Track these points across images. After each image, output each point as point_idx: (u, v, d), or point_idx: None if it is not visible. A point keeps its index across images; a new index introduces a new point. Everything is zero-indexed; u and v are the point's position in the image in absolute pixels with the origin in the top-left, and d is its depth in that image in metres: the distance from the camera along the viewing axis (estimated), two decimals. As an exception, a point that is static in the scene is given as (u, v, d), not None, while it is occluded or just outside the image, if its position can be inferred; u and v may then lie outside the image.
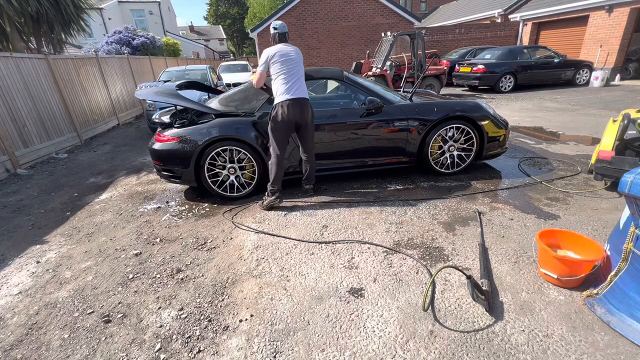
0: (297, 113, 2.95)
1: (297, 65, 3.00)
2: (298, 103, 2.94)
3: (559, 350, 1.56)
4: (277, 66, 2.94)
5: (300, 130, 3.10)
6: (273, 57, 2.95)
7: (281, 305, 1.94)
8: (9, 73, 5.10)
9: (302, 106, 2.97)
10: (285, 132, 3.03)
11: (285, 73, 2.93)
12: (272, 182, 3.13)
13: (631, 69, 10.99)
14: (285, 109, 2.91)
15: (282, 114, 2.92)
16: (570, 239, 2.09)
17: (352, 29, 14.47)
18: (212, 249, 2.60)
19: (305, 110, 3.00)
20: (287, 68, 2.93)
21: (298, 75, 2.99)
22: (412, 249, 2.42)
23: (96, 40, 18.31)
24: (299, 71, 3.01)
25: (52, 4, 7.94)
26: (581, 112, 6.69)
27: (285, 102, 2.90)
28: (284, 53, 2.96)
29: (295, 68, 2.99)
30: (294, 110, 2.92)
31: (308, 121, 3.06)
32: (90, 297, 2.15)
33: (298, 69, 3.01)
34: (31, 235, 3.08)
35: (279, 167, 3.09)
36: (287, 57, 2.95)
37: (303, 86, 3.03)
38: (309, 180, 3.40)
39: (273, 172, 3.09)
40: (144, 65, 11.21)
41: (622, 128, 3.06)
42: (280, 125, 2.98)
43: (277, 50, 2.96)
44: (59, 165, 5.33)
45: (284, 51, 2.97)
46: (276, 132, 3.02)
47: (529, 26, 13.61)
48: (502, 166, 4.00)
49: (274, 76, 2.98)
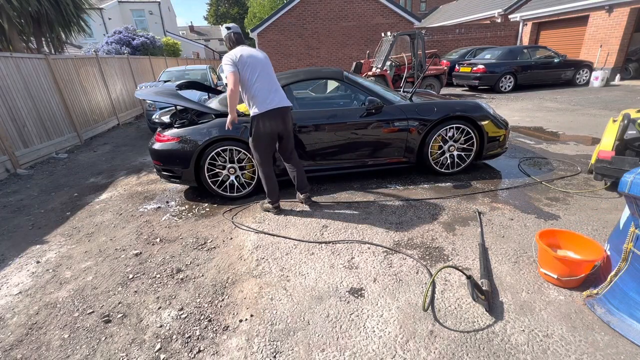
0: (280, 124, 2.71)
1: (268, 68, 2.69)
2: (280, 113, 2.68)
3: (559, 350, 1.56)
4: (247, 71, 2.58)
5: (282, 141, 2.87)
6: (239, 59, 2.57)
7: (281, 305, 1.94)
8: (9, 73, 5.10)
9: (283, 116, 2.71)
10: (269, 145, 2.80)
11: (259, 80, 2.61)
12: (268, 196, 3.00)
13: (631, 69, 10.99)
14: (266, 122, 2.64)
15: (263, 128, 2.66)
16: (570, 239, 2.09)
17: (352, 29, 14.47)
18: (212, 249, 2.60)
19: (287, 120, 2.76)
20: (258, 73, 2.61)
21: (272, 80, 2.70)
22: (412, 249, 2.42)
23: (96, 40, 18.32)
24: (272, 75, 2.71)
25: (52, 4, 7.94)
26: (581, 112, 6.69)
27: (267, 114, 2.63)
28: (250, 54, 2.62)
29: (267, 71, 2.67)
30: (276, 122, 2.67)
31: (289, 130, 2.85)
32: (90, 297, 2.15)
33: (270, 72, 2.70)
34: (31, 235, 3.08)
35: (270, 181, 2.92)
36: (254, 59, 2.62)
37: (281, 92, 2.75)
38: (302, 188, 3.13)
39: (265, 187, 2.96)
40: (144, 65, 11.21)
41: (622, 128, 3.06)
42: (263, 139, 2.72)
43: (241, 52, 2.59)
44: (59, 165, 5.33)
45: (247, 52, 2.62)
46: (259, 147, 2.77)
47: (529, 26, 13.61)
48: (502, 166, 4.00)
49: (247, 83, 2.62)
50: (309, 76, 3.68)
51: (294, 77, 3.52)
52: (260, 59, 2.67)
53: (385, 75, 8.34)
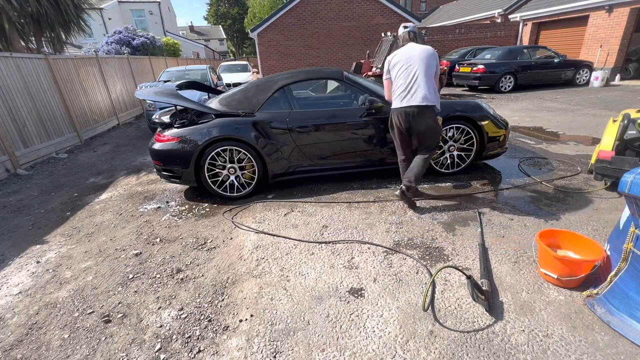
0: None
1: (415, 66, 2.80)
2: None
3: (559, 350, 1.56)
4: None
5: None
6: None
7: (281, 305, 1.94)
8: (9, 73, 5.10)
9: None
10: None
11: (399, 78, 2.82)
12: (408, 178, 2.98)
13: (631, 69, 10.99)
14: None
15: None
16: (570, 239, 2.09)
17: (352, 29, 14.47)
18: (212, 249, 2.60)
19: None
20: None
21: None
22: (412, 249, 2.42)
23: (96, 40, 18.32)
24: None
25: (52, 4, 7.94)
26: (581, 112, 6.69)
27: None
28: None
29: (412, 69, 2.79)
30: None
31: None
32: (90, 297, 2.15)
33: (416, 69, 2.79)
34: (31, 235, 3.08)
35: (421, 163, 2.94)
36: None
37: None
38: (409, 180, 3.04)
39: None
40: (144, 65, 11.21)
41: (622, 128, 3.06)
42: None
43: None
44: (59, 165, 5.33)
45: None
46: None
47: (529, 26, 13.61)
48: (502, 166, 4.00)
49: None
50: (309, 76, 3.68)
51: (294, 77, 3.52)
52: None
53: (386, 75, 8.33)
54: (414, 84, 2.75)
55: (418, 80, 2.74)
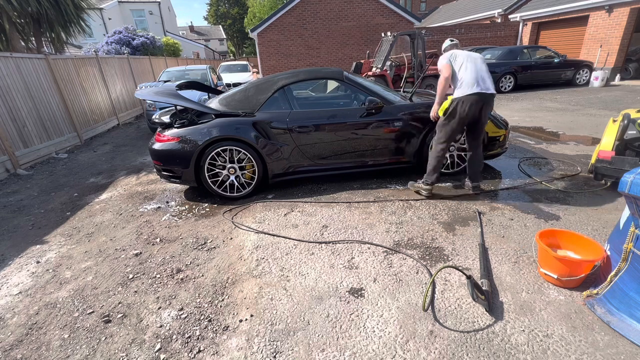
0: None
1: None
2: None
3: (559, 350, 1.56)
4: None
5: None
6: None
7: (281, 305, 1.94)
8: (9, 73, 5.10)
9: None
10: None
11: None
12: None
13: (631, 69, 10.99)
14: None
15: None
16: (570, 239, 2.09)
17: (352, 29, 14.47)
18: (212, 249, 2.60)
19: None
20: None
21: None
22: (412, 249, 2.42)
23: (96, 40, 18.31)
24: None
25: (52, 4, 7.93)
26: (581, 112, 6.69)
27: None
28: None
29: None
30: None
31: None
32: (90, 297, 2.15)
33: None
34: (31, 235, 3.08)
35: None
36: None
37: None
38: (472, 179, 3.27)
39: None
40: (144, 66, 11.21)
41: (622, 128, 3.06)
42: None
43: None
44: (59, 165, 5.33)
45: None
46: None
47: (529, 26, 13.60)
48: (502, 166, 4.00)
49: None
50: (309, 76, 3.68)
51: (294, 77, 3.52)
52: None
53: (385, 75, 8.35)
54: (483, 74, 2.90)
55: (486, 73, 2.92)
